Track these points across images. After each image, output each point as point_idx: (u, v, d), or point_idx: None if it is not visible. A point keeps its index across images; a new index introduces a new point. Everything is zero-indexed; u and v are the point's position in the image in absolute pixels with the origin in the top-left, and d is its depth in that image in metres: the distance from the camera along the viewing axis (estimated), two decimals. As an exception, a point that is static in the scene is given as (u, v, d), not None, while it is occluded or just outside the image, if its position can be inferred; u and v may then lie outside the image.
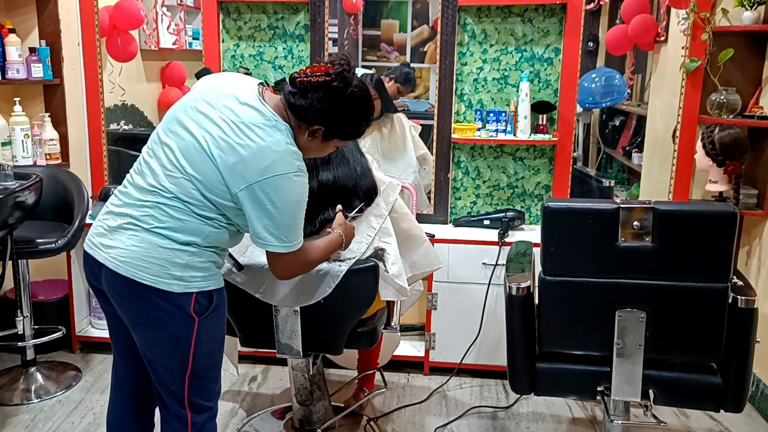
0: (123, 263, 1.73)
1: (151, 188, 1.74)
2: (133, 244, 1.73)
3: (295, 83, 1.74)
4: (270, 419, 2.81)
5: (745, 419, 2.83)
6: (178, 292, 1.74)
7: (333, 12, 3.29)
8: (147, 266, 1.72)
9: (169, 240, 1.73)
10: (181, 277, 1.74)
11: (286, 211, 1.73)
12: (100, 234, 1.79)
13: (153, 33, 3.72)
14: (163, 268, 1.73)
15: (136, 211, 1.74)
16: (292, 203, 1.74)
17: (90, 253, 1.81)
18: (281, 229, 1.74)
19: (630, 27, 3.25)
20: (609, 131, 3.99)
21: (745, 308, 1.99)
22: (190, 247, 1.75)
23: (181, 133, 1.73)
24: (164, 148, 1.75)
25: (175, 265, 1.73)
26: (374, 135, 3.40)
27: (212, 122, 1.71)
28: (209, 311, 1.81)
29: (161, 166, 1.74)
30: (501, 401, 3.00)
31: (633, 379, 2.05)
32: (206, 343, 1.83)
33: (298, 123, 1.77)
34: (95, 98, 3.36)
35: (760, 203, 2.88)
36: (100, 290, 1.85)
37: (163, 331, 1.79)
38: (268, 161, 1.68)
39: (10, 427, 2.73)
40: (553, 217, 2.02)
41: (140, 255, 1.72)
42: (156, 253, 1.73)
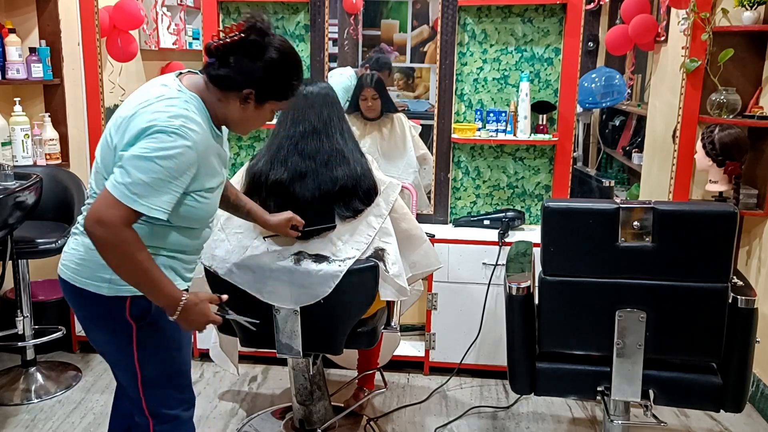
0: (63, 267, 1.73)
1: (90, 193, 1.71)
2: (72, 247, 1.72)
3: (212, 51, 1.63)
4: (270, 419, 2.81)
5: (745, 419, 2.83)
6: (109, 296, 1.67)
7: (333, 12, 3.29)
8: (80, 269, 1.69)
9: (83, 238, 1.68)
10: (110, 279, 1.65)
11: (149, 161, 1.51)
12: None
13: (153, 33, 3.72)
14: (92, 270, 1.67)
15: (80, 216, 1.72)
16: (160, 158, 1.52)
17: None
18: (134, 178, 1.51)
19: (630, 27, 3.25)
20: (609, 131, 3.99)
21: (745, 308, 1.99)
22: None
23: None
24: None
25: (104, 267, 1.61)
26: (374, 135, 3.40)
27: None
28: (149, 317, 1.70)
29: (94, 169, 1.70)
30: (501, 401, 3.00)
31: (633, 379, 2.05)
32: (154, 351, 1.75)
33: (225, 95, 1.65)
34: (95, 98, 3.35)
35: (760, 203, 2.88)
36: None
37: (104, 336, 1.76)
38: (148, 118, 1.54)
39: (10, 427, 2.73)
40: (554, 217, 2.02)
41: (75, 258, 1.70)
42: (87, 255, 1.67)
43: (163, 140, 1.52)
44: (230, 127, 1.76)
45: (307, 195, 2.19)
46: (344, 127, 2.28)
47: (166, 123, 1.53)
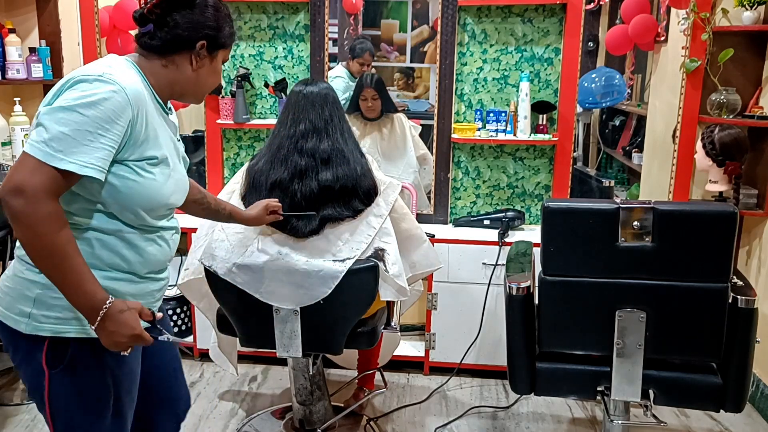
0: None
1: None
2: (5, 273, 1.49)
3: (147, 17, 1.48)
4: (270, 419, 2.81)
5: (745, 419, 2.83)
6: (27, 333, 1.43)
7: (333, 12, 3.29)
8: (1, 296, 1.46)
9: (23, 264, 1.44)
10: (30, 314, 1.42)
11: (70, 111, 1.30)
12: None
13: (153, 33, 3.72)
14: (13, 300, 1.44)
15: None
16: (82, 106, 1.31)
17: None
18: (54, 132, 1.29)
19: (630, 27, 3.25)
20: (609, 131, 3.99)
21: (745, 308, 1.99)
22: (40, 275, 1.38)
23: None
24: None
25: (25, 299, 1.42)
26: (374, 135, 3.40)
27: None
28: (64, 364, 1.45)
29: None
30: (501, 401, 3.00)
31: (633, 379, 2.05)
32: (68, 407, 1.49)
33: (171, 59, 1.50)
34: (95, 98, 3.35)
35: (760, 203, 2.88)
36: None
37: (23, 377, 1.51)
38: (68, 77, 1.38)
39: (10, 427, 2.73)
40: (553, 217, 2.02)
41: (2, 284, 1.48)
42: (11, 282, 1.45)
43: (84, 88, 1.33)
44: (183, 95, 1.56)
45: (306, 193, 2.19)
46: (344, 127, 2.29)
47: (85, 73, 1.36)
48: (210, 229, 2.31)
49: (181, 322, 3.32)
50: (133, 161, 1.41)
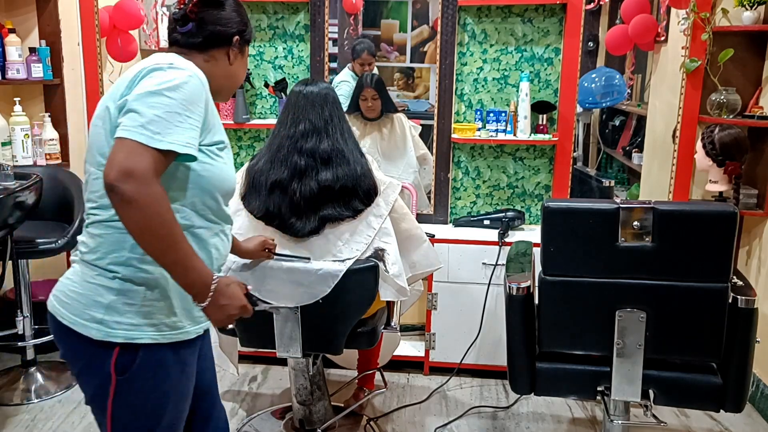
0: (52, 298, 1.49)
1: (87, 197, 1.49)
2: (67, 276, 1.49)
3: (188, 17, 1.55)
4: (270, 419, 2.81)
5: (745, 419, 2.83)
6: (97, 339, 1.43)
7: (333, 12, 3.29)
8: (70, 303, 1.45)
9: (94, 269, 1.45)
10: (102, 320, 1.42)
11: (158, 95, 1.35)
12: None
13: (153, 33, 3.72)
14: (83, 307, 1.43)
15: (80, 236, 1.52)
16: (168, 90, 1.36)
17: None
18: (149, 116, 1.33)
19: (630, 27, 3.25)
20: (609, 131, 3.99)
21: (745, 308, 1.99)
22: (115, 280, 1.42)
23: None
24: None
25: (97, 305, 1.42)
26: (374, 135, 3.40)
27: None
28: (132, 370, 1.45)
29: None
30: (501, 401, 3.00)
31: (633, 379, 2.05)
32: (130, 413, 1.50)
33: (211, 54, 1.57)
34: (95, 98, 3.35)
35: (760, 203, 2.88)
36: None
37: (84, 386, 1.53)
38: (139, 67, 1.43)
39: (10, 427, 2.73)
40: (553, 217, 2.02)
41: (67, 289, 1.47)
42: (81, 288, 1.45)
43: (162, 75, 1.38)
44: (219, 91, 1.61)
45: (306, 193, 2.19)
46: (344, 127, 2.29)
47: (155, 63, 1.41)
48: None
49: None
50: (206, 146, 1.46)
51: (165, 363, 1.48)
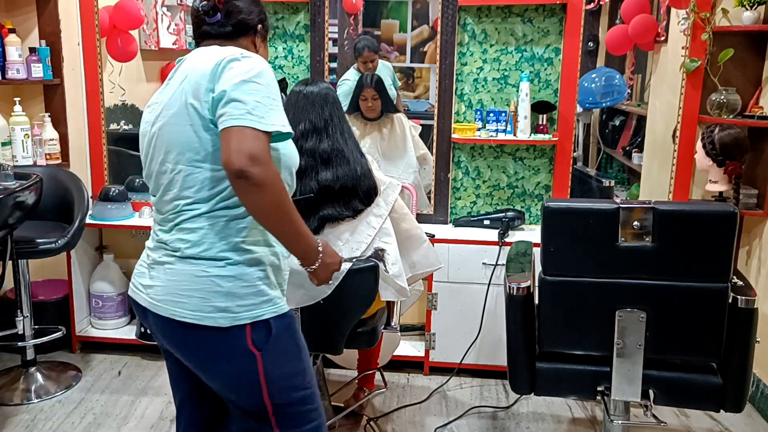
0: (160, 303, 1.53)
1: (176, 194, 1.54)
2: (167, 279, 1.53)
3: (217, 8, 1.60)
4: (270, 419, 2.80)
5: (745, 419, 2.83)
6: (227, 327, 1.49)
7: (333, 12, 3.29)
8: (186, 301, 1.50)
9: (204, 262, 1.50)
10: (226, 307, 1.49)
11: (250, 83, 1.45)
12: (140, 274, 1.61)
13: (153, 33, 3.72)
14: (204, 300, 1.49)
15: (167, 236, 1.55)
16: (256, 77, 1.45)
17: (133, 297, 1.62)
18: (251, 103, 1.42)
19: (630, 27, 3.25)
20: (609, 131, 3.99)
21: (745, 308, 1.99)
22: (225, 268, 1.49)
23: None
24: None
25: (216, 295, 1.49)
26: (374, 135, 3.40)
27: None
28: (269, 342, 1.54)
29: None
30: (501, 401, 3.00)
31: (633, 379, 2.05)
32: (280, 376, 1.58)
33: (240, 42, 1.65)
34: (95, 98, 3.36)
35: (760, 203, 2.88)
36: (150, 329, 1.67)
37: (225, 374, 1.56)
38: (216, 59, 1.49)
39: (10, 427, 2.73)
40: (553, 217, 2.02)
41: (176, 289, 1.51)
42: (193, 283, 1.50)
43: (242, 65, 1.46)
44: None
45: (306, 193, 2.19)
46: (345, 127, 2.29)
47: (228, 54, 1.49)
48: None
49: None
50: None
51: (290, 325, 1.60)
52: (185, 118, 1.49)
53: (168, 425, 2.76)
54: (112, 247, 3.53)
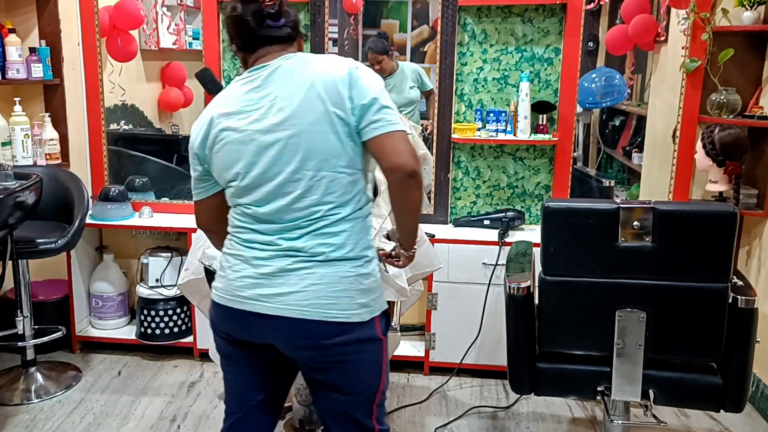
0: (307, 306, 1.56)
1: (318, 199, 1.58)
2: (310, 283, 1.57)
3: (281, 12, 1.62)
4: (270, 419, 2.80)
5: (745, 419, 2.83)
6: (367, 320, 1.61)
7: (333, 12, 3.29)
8: (335, 302, 1.57)
9: (349, 262, 1.59)
10: (365, 303, 1.61)
11: (384, 89, 1.61)
12: (253, 285, 1.60)
13: (153, 33, 3.72)
14: (351, 299, 1.58)
15: (299, 243, 1.58)
16: (381, 82, 1.61)
17: (243, 308, 1.61)
18: (395, 109, 1.61)
19: (630, 27, 3.25)
20: (609, 131, 3.99)
21: (745, 308, 1.99)
22: (365, 266, 1.61)
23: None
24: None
25: (359, 293, 1.59)
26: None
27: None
28: (388, 326, 1.70)
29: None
30: (501, 401, 3.00)
31: (633, 379, 2.05)
32: (388, 360, 1.72)
33: (293, 45, 1.68)
34: (95, 98, 3.36)
35: (760, 203, 2.88)
36: (240, 342, 1.68)
37: (358, 365, 1.64)
38: (343, 65, 1.59)
39: (10, 427, 2.73)
40: (553, 217, 2.02)
41: (323, 293, 1.56)
42: (340, 285, 1.57)
43: (366, 72, 1.59)
44: None
45: None
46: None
47: (350, 63, 1.59)
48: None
49: (181, 322, 3.32)
50: None
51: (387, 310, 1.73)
52: (328, 126, 1.54)
53: (168, 425, 2.76)
54: (112, 247, 3.53)
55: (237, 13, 1.62)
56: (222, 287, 1.65)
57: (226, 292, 1.64)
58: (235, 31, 1.65)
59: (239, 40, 1.66)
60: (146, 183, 3.58)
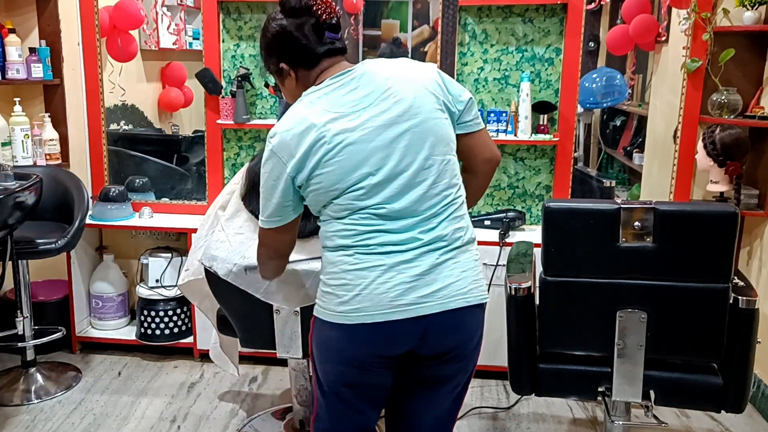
0: (467, 293, 1.58)
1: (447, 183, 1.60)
2: (460, 272, 1.58)
3: (339, 24, 1.63)
4: (270, 420, 2.81)
5: (745, 420, 2.83)
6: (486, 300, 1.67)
7: (333, 12, 3.28)
8: (481, 284, 1.63)
9: (472, 246, 1.64)
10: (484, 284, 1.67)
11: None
12: (408, 290, 1.54)
13: (153, 33, 3.72)
14: (483, 280, 1.65)
15: (438, 233, 1.56)
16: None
17: (402, 317, 1.54)
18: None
19: (631, 27, 3.25)
20: (610, 131, 3.99)
21: (746, 309, 1.98)
22: (477, 247, 1.67)
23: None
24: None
25: (482, 273, 1.66)
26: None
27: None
28: None
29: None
30: (502, 402, 3.00)
31: (634, 380, 2.05)
32: None
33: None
34: (95, 98, 3.35)
35: (761, 203, 2.88)
36: (377, 363, 1.61)
37: (480, 343, 1.69)
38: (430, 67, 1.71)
39: (10, 427, 2.73)
40: (554, 217, 2.02)
41: (472, 277, 1.60)
42: (476, 268, 1.63)
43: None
44: None
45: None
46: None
47: (433, 66, 1.69)
48: (210, 229, 2.31)
49: (181, 322, 3.31)
50: None
51: None
52: (441, 113, 1.60)
53: (168, 426, 2.76)
54: (112, 247, 3.53)
55: (288, 30, 1.57)
56: (369, 305, 1.53)
57: (379, 307, 1.53)
58: (288, 49, 1.59)
59: (294, 58, 1.60)
60: (146, 183, 3.58)
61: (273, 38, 1.62)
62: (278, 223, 1.64)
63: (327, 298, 1.61)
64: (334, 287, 1.59)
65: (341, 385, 1.66)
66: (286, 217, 1.63)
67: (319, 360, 1.68)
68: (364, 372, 1.62)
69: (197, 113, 3.50)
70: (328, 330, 1.61)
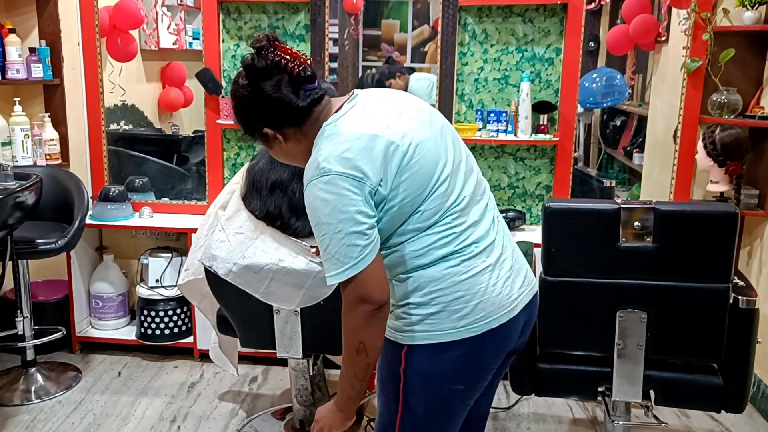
0: (533, 274, 1.67)
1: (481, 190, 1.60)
2: (519, 254, 1.65)
3: (314, 73, 1.47)
4: (270, 420, 2.80)
5: (746, 420, 2.83)
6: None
7: (333, 12, 3.29)
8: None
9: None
10: None
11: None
12: (511, 283, 1.53)
13: (153, 33, 3.72)
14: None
15: (499, 228, 1.59)
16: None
17: (517, 312, 1.53)
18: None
19: (631, 27, 3.25)
20: (610, 131, 3.99)
21: (746, 309, 1.99)
22: None
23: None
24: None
25: None
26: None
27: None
28: None
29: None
30: (502, 402, 3.00)
31: (634, 380, 2.04)
32: None
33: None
34: (95, 98, 3.35)
35: (761, 203, 2.88)
36: (502, 358, 1.60)
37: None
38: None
39: (10, 427, 2.73)
40: (554, 217, 2.02)
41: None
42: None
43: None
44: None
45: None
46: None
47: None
48: (210, 229, 2.31)
49: (181, 322, 3.31)
50: None
51: None
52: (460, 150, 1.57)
53: (168, 426, 2.76)
54: (112, 247, 3.53)
55: (265, 92, 1.42)
56: (493, 309, 1.47)
57: (501, 308, 1.48)
58: (267, 112, 1.44)
59: (277, 120, 1.45)
60: (146, 183, 3.58)
61: (249, 104, 1.46)
62: (370, 257, 1.37)
63: (437, 318, 1.45)
64: (444, 304, 1.45)
65: (459, 406, 1.54)
66: (373, 250, 1.38)
67: (425, 390, 1.49)
68: (486, 379, 1.55)
69: (197, 113, 3.50)
70: (445, 351, 1.46)
